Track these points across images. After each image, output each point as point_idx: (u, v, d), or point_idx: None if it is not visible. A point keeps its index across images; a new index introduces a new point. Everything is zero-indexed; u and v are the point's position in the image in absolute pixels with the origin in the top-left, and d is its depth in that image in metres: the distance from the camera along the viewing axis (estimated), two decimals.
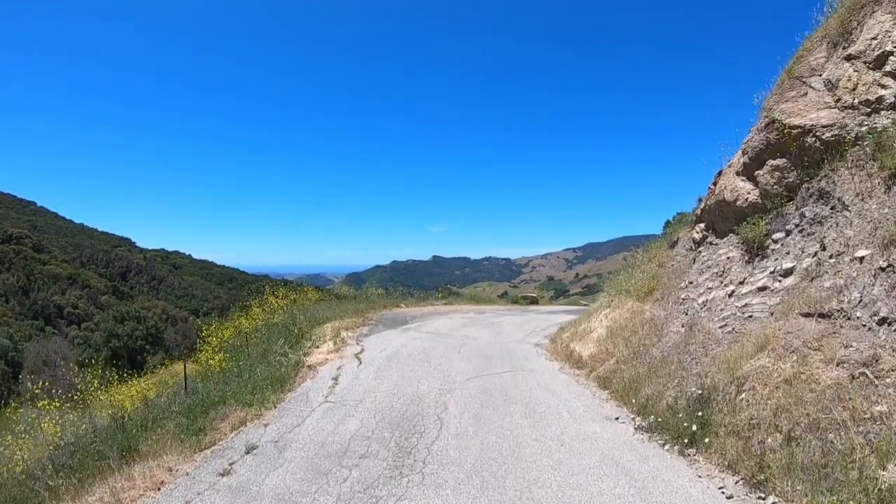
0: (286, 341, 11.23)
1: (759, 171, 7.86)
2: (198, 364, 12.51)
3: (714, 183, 9.37)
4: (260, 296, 15.00)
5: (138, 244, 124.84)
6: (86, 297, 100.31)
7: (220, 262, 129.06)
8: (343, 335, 11.53)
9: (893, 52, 6.38)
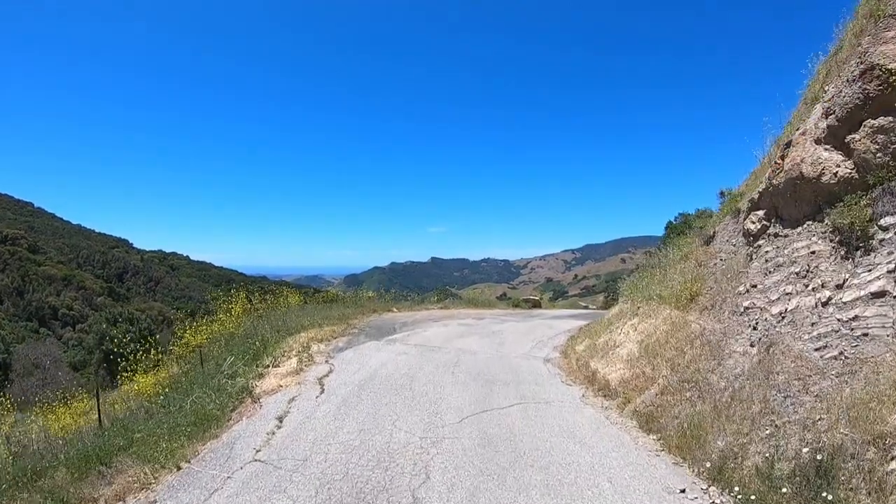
0: (243, 357, 9.10)
1: (854, 136, 5.71)
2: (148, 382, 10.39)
3: (781, 157, 7.21)
4: (228, 300, 12.87)
5: (136, 245, 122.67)
6: (81, 299, 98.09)
7: (218, 264, 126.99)
8: (314, 349, 9.37)
9: None
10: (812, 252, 5.98)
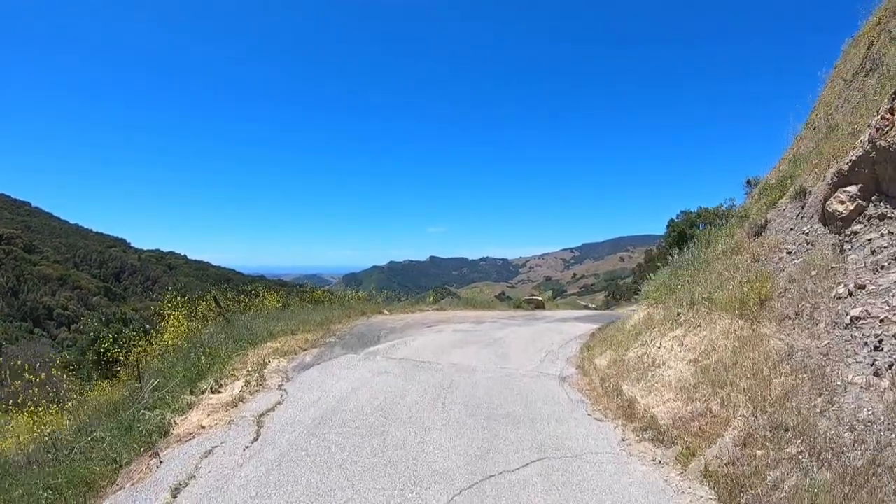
0: (184, 377, 7.13)
1: None
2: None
3: (891, 110, 5.22)
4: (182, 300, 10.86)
5: (133, 245, 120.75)
6: (76, 299, 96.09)
7: (217, 263, 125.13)
8: (272, 366, 7.35)
9: None
10: None
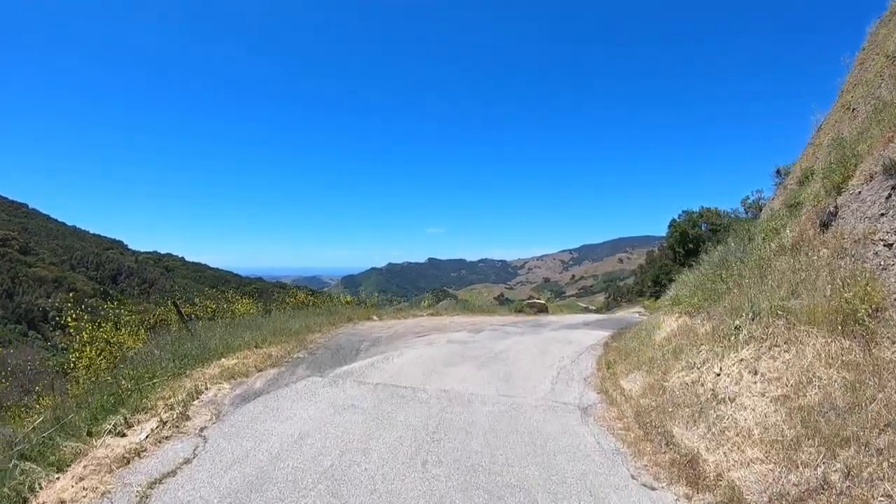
0: (100, 407, 5.40)
1: None
2: None
3: None
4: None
5: (131, 247, 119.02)
6: (72, 301, 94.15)
7: (214, 265, 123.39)
8: (206, 396, 5.59)
9: None
10: None
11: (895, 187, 5.27)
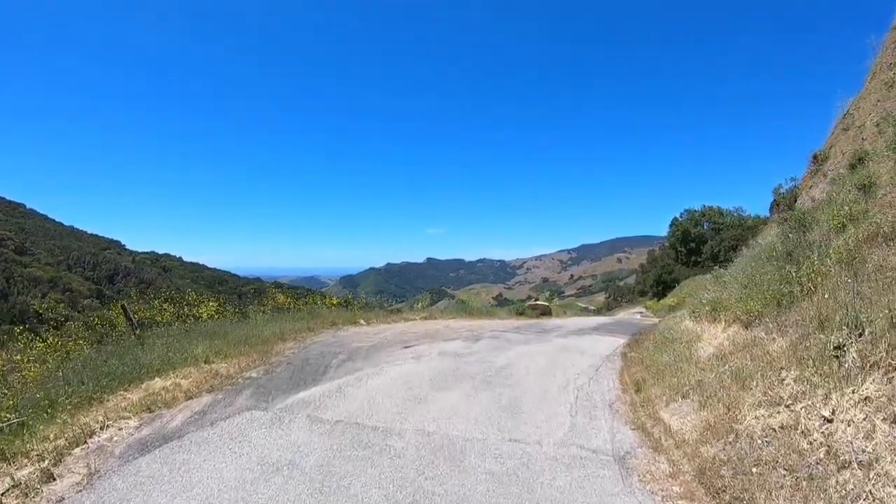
0: None
1: None
2: None
3: None
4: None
5: (128, 247, 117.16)
6: (66, 301, 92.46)
7: (212, 265, 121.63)
8: (96, 439, 4.01)
9: None
10: None
11: None
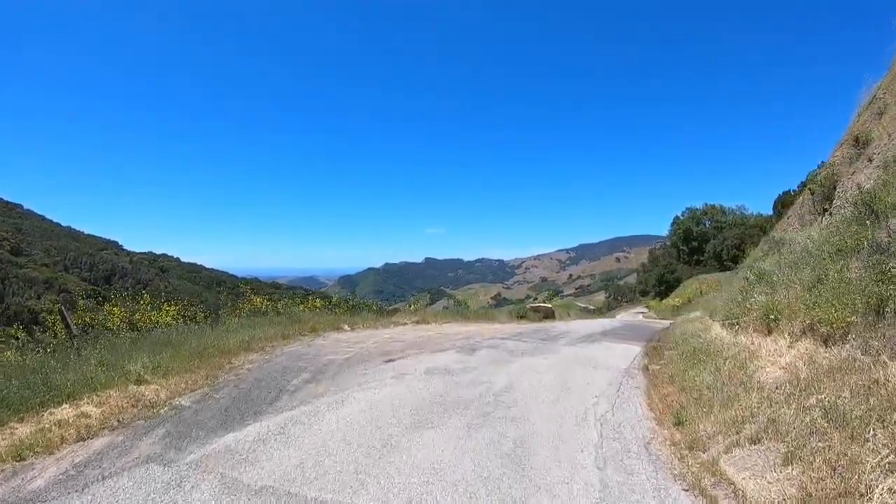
0: None
1: None
2: None
3: None
4: None
5: (125, 247, 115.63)
6: (62, 302, 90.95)
7: (210, 266, 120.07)
8: None
9: None
10: None
11: None
